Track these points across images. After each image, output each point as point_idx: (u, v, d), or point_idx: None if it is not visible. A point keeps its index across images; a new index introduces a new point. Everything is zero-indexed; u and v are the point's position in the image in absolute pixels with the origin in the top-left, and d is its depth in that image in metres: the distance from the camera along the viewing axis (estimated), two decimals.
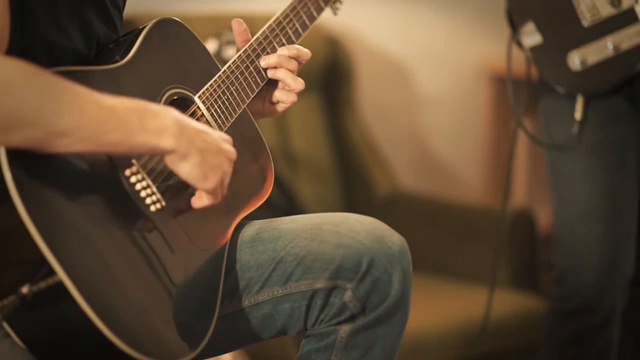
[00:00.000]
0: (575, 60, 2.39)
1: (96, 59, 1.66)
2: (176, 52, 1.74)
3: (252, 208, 1.75)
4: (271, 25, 1.84)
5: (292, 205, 3.21)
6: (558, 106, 2.47)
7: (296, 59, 1.83)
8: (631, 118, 2.44)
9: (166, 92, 1.67)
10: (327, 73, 3.55)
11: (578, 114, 2.42)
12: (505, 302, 3.10)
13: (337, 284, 1.68)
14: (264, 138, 1.82)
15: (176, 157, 1.52)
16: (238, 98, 1.77)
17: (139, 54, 1.66)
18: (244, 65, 1.79)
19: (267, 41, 1.83)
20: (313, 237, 1.71)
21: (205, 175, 1.55)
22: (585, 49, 2.39)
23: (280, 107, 1.84)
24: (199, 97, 1.72)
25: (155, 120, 1.49)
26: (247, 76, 1.79)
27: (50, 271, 1.41)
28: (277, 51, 1.83)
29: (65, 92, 1.43)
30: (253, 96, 1.80)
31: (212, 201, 1.60)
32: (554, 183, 2.51)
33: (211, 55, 1.82)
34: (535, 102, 2.59)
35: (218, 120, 1.73)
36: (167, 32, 1.74)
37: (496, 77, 3.87)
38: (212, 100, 1.73)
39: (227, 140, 1.60)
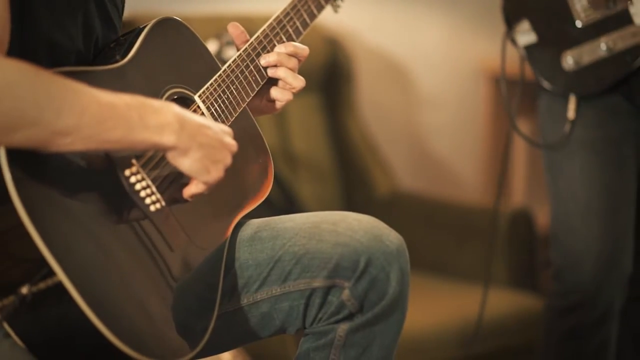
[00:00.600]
0: (569, 60, 2.39)
1: (97, 59, 1.65)
2: (177, 52, 1.74)
3: (252, 207, 1.75)
4: (271, 23, 1.84)
5: (292, 204, 3.21)
6: (553, 105, 2.48)
7: (295, 56, 1.82)
8: (629, 115, 2.44)
9: (167, 92, 1.67)
10: (327, 73, 3.55)
11: (571, 113, 2.42)
12: (503, 301, 3.11)
13: (335, 283, 1.69)
14: (264, 137, 1.83)
15: (177, 153, 1.53)
16: (238, 97, 1.77)
17: (140, 54, 1.66)
18: (244, 64, 1.79)
19: (268, 40, 1.83)
20: (311, 236, 1.71)
21: (207, 169, 1.55)
22: (579, 49, 2.39)
23: (277, 105, 1.84)
24: (199, 97, 1.72)
25: (156, 116, 1.49)
26: (247, 75, 1.79)
27: (49, 271, 1.41)
28: (275, 49, 1.82)
29: (66, 92, 1.43)
30: (253, 95, 1.80)
31: (205, 191, 1.59)
32: (552, 180, 2.50)
33: (212, 54, 1.82)
34: (532, 101, 2.59)
35: (218, 119, 1.72)
36: (168, 32, 1.74)
37: (494, 77, 3.86)
38: (212, 99, 1.73)
39: (228, 132, 1.60)
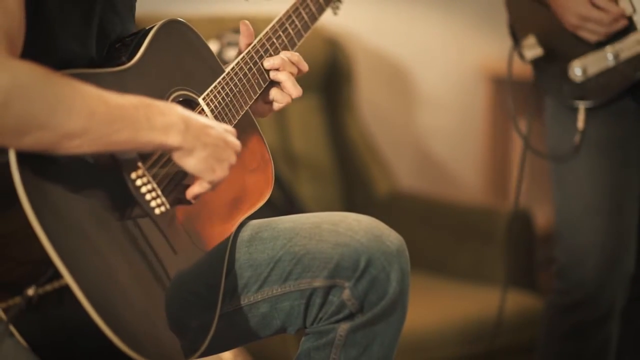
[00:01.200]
0: (576, 70, 2.40)
1: (103, 60, 1.66)
2: (182, 54, 1.75)
3: (253, 209, 1.76)
4: (274, 25, 1.85)
5: (292, 205, 3.21)
6: (560, 115, 2.48)
7: (296, 65, 1.83)
8: (635, 115, 2.44)
9: (172, 94, 1.68)
10: (327, 74, 3.56)
11: (580, 124, 2.42)
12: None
13: (336, 283, 1.70)
14: (265, 138, 1.84)
15: (183, 153, 1.54)
16: (241, 100, 1.77)
17: (146, 56, 1.66)
18: (247, 67, 1.80)
19: (270, 42, 1.83)
20: (311, 236, 1.72)
21: (212, 168, 1.57)
22: (585, 59, 2.39)
23: (275, 106, 1.84)
24: (204, 99, 1.72)
25: (161, 117, 1.50)
26: (250, 78, 1.80)
27: (56, 273, 1.42)
28: (280, 54, 1.83)
29: (75, 94, 1.43)
30: (256, 98, 1.80)
31: (209, 190, 1.60)
32: (557, 178, 2.51)
33: (216, 56, 1.83)
34: (532, 102, 2.60)
35: (221, 122, 1.72)
36: (174, 34, 1.74)
37: (495, 78, 3.86)
38: (216, 102, 1.73)
39: (232, 132, 1.61)
